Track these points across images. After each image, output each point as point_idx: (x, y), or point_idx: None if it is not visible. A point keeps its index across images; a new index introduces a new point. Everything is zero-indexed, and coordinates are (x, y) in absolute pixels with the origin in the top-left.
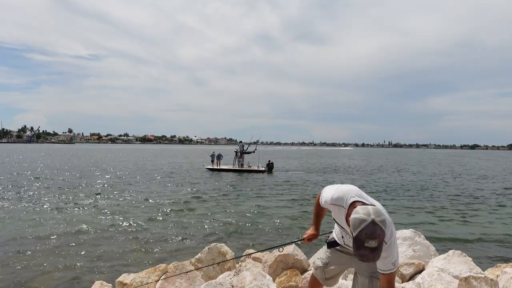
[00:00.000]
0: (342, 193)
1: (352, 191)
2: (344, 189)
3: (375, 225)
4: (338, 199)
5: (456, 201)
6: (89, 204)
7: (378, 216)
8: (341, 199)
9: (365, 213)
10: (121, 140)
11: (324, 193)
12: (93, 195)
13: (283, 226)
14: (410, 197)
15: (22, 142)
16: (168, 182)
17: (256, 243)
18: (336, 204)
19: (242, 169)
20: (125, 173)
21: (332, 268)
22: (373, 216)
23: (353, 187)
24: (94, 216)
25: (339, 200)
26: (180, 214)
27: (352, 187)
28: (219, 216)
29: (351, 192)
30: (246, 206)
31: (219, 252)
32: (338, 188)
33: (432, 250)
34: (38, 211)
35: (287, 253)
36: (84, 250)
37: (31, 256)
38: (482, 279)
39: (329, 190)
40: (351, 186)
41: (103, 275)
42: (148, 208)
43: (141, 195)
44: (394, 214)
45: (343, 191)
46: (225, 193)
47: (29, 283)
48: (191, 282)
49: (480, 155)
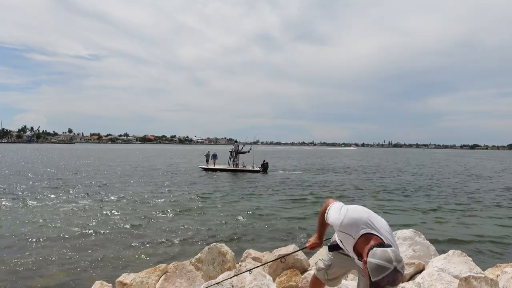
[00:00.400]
0: (351, 221)
1: (362, 219)
2: (353, 216)
3: (397, 273)
4: (347, 227)
5: (456, 201)
6: (88, 204)
7: (399, 261)
8: (351, 228)
9: (386, 260)
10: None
11: (332, 214)
12: (92, 195)
13: (281, 227)
14: (410, 197)
15: (22, 142)
16: (165, 182)
17: (255, 243)
18: (344, 232)
19: (237, 169)
20: (123, 173)
21: (335, 270)
22: (395, 264)
23: (363, 213)
24: (94, 216)
25: (347, 228)
26: (179, 214)
27: (362, 212)
28: (218, 216)
29: (361, 220)
30: (244, 206)
31: (219, 252)
32: (347, 214)
33: (432, 250)
34: (37, 211)
35: (287, 253)
36: (84, 250)
37: (31, 256)
38: (482, 279)
39: (337, 214)
40: (360, 211)
41: (103, 275)
42: (148, 208)
43: (141, 195)
44: (394, 214)
45: (353, 220)
46: (223, 193)
47: (29, 283)
48: (191, 282)
49: (480, 155)
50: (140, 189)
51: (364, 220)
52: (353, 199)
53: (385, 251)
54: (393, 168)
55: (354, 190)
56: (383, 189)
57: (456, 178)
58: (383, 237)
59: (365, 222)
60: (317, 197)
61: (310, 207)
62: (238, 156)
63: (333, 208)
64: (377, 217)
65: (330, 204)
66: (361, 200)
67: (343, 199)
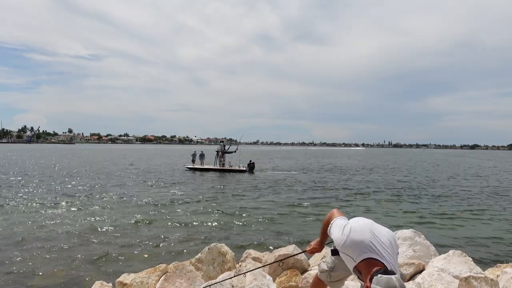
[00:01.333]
0: (353, 244)
1: (364, 243)
2: (355, 238)
3: None
4: (348, 249)
5: (456, 201)
6: (88, 205)
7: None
8: (352, 251)
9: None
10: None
11: (334, 231)
12: (92, 196)
13: (281, 227)
14: (410, 197)
15: (22, 142)
16: (162, 181)
17: (255, 243)
18: (346, 254)
19: (223, 168)
20: (120, 173)
21: (338, 273)
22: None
23: (365, 233)
24: (93, 216)
25: (348, 251)
26: (178, 214)
27: (364, 232)
28: (218, 216)
29: (363, 244)
30: (242, 206)
31: (219, 252)
32: (349, 236)
33: (432, 250)
34: (37, 211)
35: (287, 253)
36: (84, 250)
37: (30, 256)
38: (482, 279)
39: (339, 233)
40: (363, 232)
41: (103, 275)
42: (147, 208)
43: (141, 195)
44: (394, 214)
45: (355, 243)
46: (214, 194)
47: (29, 283)
48: (191, 282)
49: (480, 155)
50: (141, 189)
51: (366, 243)
52: (365, 198)
53: (390, 279)
54: (404, 168)
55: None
56: (383, 189)
57: (455, 178)
58: (385, 262)
59: (367, 245)
60: (313, 198)
61: (310, 207)
62: (224, 156)
63: (336, 225)
64: (380, 231)
65: (334, 219)
66: (365, 201)
67: (346, 201)
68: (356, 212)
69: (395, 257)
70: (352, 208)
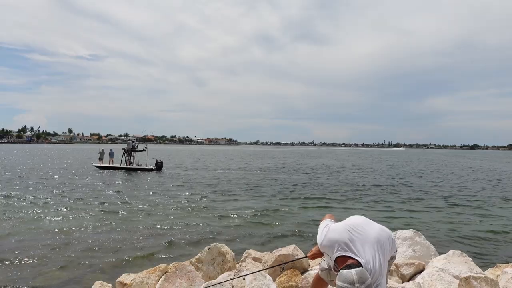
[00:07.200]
0: (328, 243)
1: (339, 241)
2: (331, 237)
3: None
4: (325, 248)
5: (456, 201)
6: (88, 205)
7: (362, 283)
8: (328, 250)
9: (349, 282)
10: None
11: (318, 232)
12: (91, 196)
13: (281, 227)
14: (410, 197)
15: (22, 142)
16: (160, 180)
17: (255, 243)
18: (326, 253)
19: (131, 167)
20: (106, 174)
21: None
22: (357, 285)
23: (343, 232)
24: (93, 216)
25: (326, 249)
26: (178, 214)
27: (342, 232)
28: (218, 216)
29: (337, 242)
30: (240, 205)
31: (219, 252)
32: (326, 235)
33: (432, 250)
34: (37, 211)
35: (287, 253)
36: (84, 250)
37: (31, 256)
38: (482, 279)
39: (319, 233)
40: (340, 231)
41: (103, 275)
42: (147, 208)
43: (140, 195)
44: (394, 214)
45: (330, 241)
46: (209, 195)
47: (29, 283)
48: (191, 283)
49: (480, 155)
50: (141, 188)
51: (341, 242)
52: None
53: (349, 273)
54: (395, 168)
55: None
56: (382, 189)
57: (456, 179)
58: (361, 259)
59: (341, 243)
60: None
61: (310, 207)
62: (133, 154)
63: (320, 227)
64: (370, 229)
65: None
66: (363, 200)
67: (348, 201)
68: (350, 211)
69: (384, 254)
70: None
